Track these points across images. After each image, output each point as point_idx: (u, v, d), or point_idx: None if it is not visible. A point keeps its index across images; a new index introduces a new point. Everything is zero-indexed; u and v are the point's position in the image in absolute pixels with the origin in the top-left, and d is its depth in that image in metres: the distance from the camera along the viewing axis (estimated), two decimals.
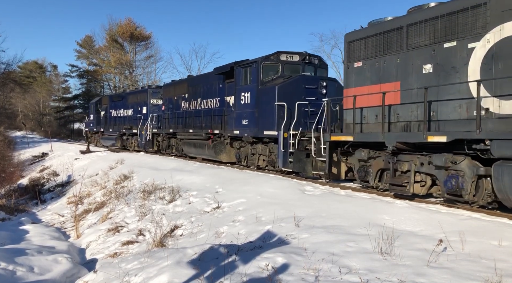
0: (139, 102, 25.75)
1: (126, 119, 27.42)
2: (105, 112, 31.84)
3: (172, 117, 20.97)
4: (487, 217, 7.26)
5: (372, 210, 7.84)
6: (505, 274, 4.63)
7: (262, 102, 13.54)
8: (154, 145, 23.42)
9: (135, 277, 5.96)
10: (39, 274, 7.34)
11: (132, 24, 49.92)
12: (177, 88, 21.07)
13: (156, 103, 24.30)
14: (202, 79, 18.79)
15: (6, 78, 42.35)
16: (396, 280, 4.65)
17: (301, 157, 11.95)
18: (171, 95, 21.52)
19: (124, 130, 27.04)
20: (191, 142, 18.62)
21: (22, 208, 16.70)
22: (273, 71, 13.83)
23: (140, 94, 26.25)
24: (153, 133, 23.20)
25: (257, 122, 13.80)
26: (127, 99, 28.04)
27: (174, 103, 21.02)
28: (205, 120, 17.45)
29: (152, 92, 24.81)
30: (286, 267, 5.23)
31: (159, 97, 24.05)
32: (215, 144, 16.32)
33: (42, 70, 69.80)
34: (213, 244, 6.82)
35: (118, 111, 29.34)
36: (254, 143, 14.49)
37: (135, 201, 12.07)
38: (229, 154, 16.00)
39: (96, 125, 33.85)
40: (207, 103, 17.73)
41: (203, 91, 18.19)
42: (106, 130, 30.99)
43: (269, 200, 9.16)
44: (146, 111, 24.57)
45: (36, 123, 63.72)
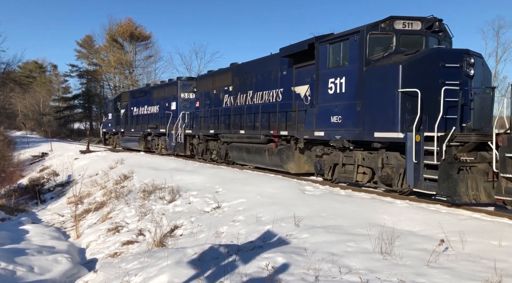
0: (167, 97, 22.13)
1: (151, 118, 23.74)
2: (125, 111, 28.13)
3: (211, 115, 17.47)
4: (487, 217, 7.27)
5: (372, 210, 7.84)
6: (505, 274, 4.63)
7: (371, 89, 9.43)
8: (186, 148, 19.68)
9: (135, 277, 5.96)
10: (39, 274, 7.34)
11: (132, 24, 49.96)
12: (217, 80, 17.45)
13: (188, 98, 20.92)
14: (254, 67, 14.99)
15: (6, 78, 42.40)
16: (396, 280, 4.65)
17: (451, 173, 7.75)
18: (209, 89, 18.02)
19: (149, 130, 23.29)
20: (242, 146, 15.01)
21: (22, 208, 16.70)
22: (382, 46, 9.81)
23: (167, 87, 22.50)
24: (186, 134, 19.48)
25: (361, 119, 9.68)
26: (152, 94, 24.28)
27: (213, 98, 17.58)
28: (263, 118, 13.86)
29: (182, 85, 21.11)
30: (286, 267, 5.23)
31: (190, 90, 20.79)
32: (281, 149, 12.64)
33: (42, 70, 69.90)
34: (213, 244, 6.82)
35: (141, 109, 25.59)
36: (348, 149, 10.50)
37: (135, 201, 12.07)
38: (298, 162, 12.42)
39: (115, 125, 29.60)
40: (262, 96, 14.32)
41: (256, 81, 14.67)
42: (127, 130, 27.04)
43: (269, 200, 9.16)
44: (175, 107, 21.10)
45: (36, 123, 63.80)
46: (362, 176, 10.32)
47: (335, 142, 10.54)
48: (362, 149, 10.21)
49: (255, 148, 14.10)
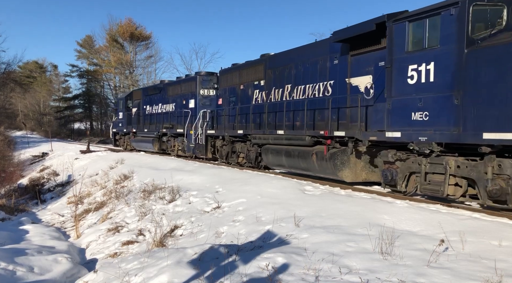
0: (184, 94, 20.24)
1: (166, 117, 21.80)
2: (137, 109, 26.23)
3: (237, 114, 15.45)
4: (487, 217, 7.26)
5: (372, 210, 7.83)
6: (505, 274, 4.62)
7: (478, 77, 7.37)
8: (208, 150, 17.51)
9: (135, 277, 5.96)
10: (39, 274, 7.34)
11: (132, 24, 49.97)
12: (244, 74, 15.57)
13: (207, 95, 19.04)
14: (294, 57, 12.98)
15: (6, 78, 42.40)
16: (396, 280, 4.64)
17: None
18: (234, 84, 16.14)
19: (165, 130, 21.41)
20: (280, 149, 12.82)
21: (22, 208, 16.71)
22: (487, 22, 7.66)
23: (184, 84, 20.59)
24: (208, 135, 17.42)
25: (460, 116, 7.63)
26: (167, 91, 22.31)
27: (240, 94, 15.75)
28: (306, 116, 11.73)
29: (201, 80, 19.05)
30: (286, 267, 5.22)
31: (211, 86, 18.92)
32: (334, 153, 10.42)
33: (42, 70, 69.94)
34: (213, 244, 6.82)
35: (154, 107, 23.75)
36: (431, 154, 8.29)
37: (135, 200, 12.07)
38: (354, 169, 10.36)
39: (126, 125, 27.42)
40: (305, 91, 12.30)
41: (296, 74, 12.72)
42: (140, 130, 25.10)
43: (269, 200, 9.16)
44: (194, 105, 19.18)
45: (36, 123, 63.86)
46: (453, 188, 8.08)
47: (419, 145, 8.24)
48: (457, 154, 8.02)
49: (298, 151, 11.89)
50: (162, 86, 23.39)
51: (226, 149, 16.31)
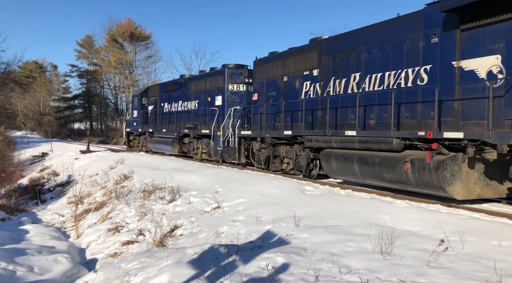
0: (209, 90, 18.03)
1: (188, 116, 19.70)
2: (153, 107, 23.95)
3: (281, 111, 13.02)
4: (487, 217, 7.26)
5: (372, 209, 7.84)
6: (505, 274, 4.62)
7: None
8: (241, 154, 15.30)
9: (135, 277, 5.96)
10: (39, 274, 7.34)
11: (132, 24, 49.95)
12: (289, 63, 13.09)
13: (237, 90, 16.90)
14: (366, 37, 10.40)
15: (6, 78, 42.39)
16: (396, 280, 4.65)
17: None
18: (275, 75, 13.79)
19: (187, 130, 19.16)
20: (350, 154, 10.23)
21: (22, 208, 16.71)
22: None
23: (210, 78, 18.22)
24: (241, 136, 15.18)
25: None
26: (189, 86, 20.02)
27: (283, 87, 13.38)
28: (384, 112, 9.65)
29: (230, 74, 16.90)
30: (286, 267, 5.23)
31: (241, 81, 16.88)
32: (443, 162, 7.91)
33: (42, 70, 69.98)
34: (213, 244, 6.82)
35: (174, 105, 21.45)
36: None
37: (135, 201, 12.07)
38: (466, 182, 7.94)
39: (141, 124, 25.11)
40: (383, 80, 9.79)
41: (370, 58, 10.21)
42: (157, 130, 22.78)
43: (269, 200, 9.16)
44: (221, 102, 17.05)
45: (36, 123, 63.91)
46: None
47: None
48: None
49: (380, 158, 9.31)
50: (182, 81, 20.99)
51: (265, 153, 13.94)
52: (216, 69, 18.28)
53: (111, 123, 52.52)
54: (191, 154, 19.67)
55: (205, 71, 19.91)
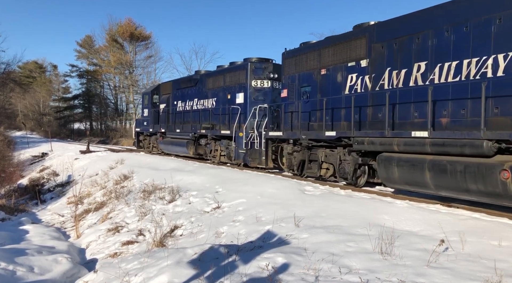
0: (229, 87, 16.56)
1: (205, 115, 18.21)
2: (166, 106, 22.38)
3: (320, 109, 11.42)
4: (487, 217, 7.27)
5: (372, 210, 7.84)
6: (505, 274, 4.63)
7: None
8: (268, 158, 13.74)
9: (135, 277, 5.96)
10: (39, 274, 7.34)
11: (132, 24, 49.99)
12: (328, 54, 11.48)
13: (261, 87, 15.44)
14: (434, 19, 8.76)
15: (6, 78, 42.43)
16: (396, 280, 4.65)
17: None
18: (310, 68, 12.12)
19: (204, 131, 17.65)
20: (419, 160, 8.52)
21: (22, 208, 16.70)
22: None
23: (230, 74, 16.65)
24: (269, 138, 13.55)
25: None
26: (205, 83, 18.50)
27: (320, 81, 11.70)
28: (478, 108, 7.55)
29: (254, 68, 15.44)
30: (286, 267, 5.23)
31: (265, 76, 15.44)
32: None
33: (42, 70, 70.00)
34: (213, 244, 6.82)
35: (189, 103, 19.88)
36: None
37: (135, 201, 12.07)
38: None
39: (152, 124, 23.53)
40: (461, 69, 8.06)
41: (440, 43, 8.53)
42: (170, 131, 21.27)
43: (269, 200, 9.16)
44: (243, 100, 15.62)
45: (36, 123, 63.90)
46: None
47: None
48: None
49: (465, 166, 7.58)
50: (198, 77, 19.32)
51: (299, 157, 12.33)
52: (237, 64, 16.59)
53: (111, 124, 52.53)
54: (208, 157, 18.03)
55: (223, 66, 17.90)
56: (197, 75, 19.69)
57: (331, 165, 11.50)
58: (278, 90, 14.98)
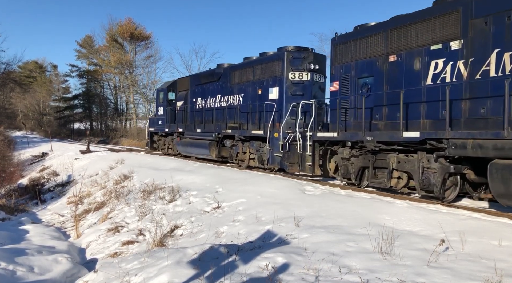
0: (260, 81, 14.66)
1: (230, 112, 16.33)
2: (183, 103, 20.54)
3: (401, 103, 8.88)
4: (487, 216, 7.27)
5: (372, 210, 7.84)
6: (505, 274, 4.63)
7: None
8: (316, 163, 11.53)
9: (135, 277, 5.96)
10: (39, 274, 7.34)
11: (132, 24, 49.93)
12: (397, 36, 9.58)
13: (300, 80, 13.44)
14: None
15: (6, 78, 42.43)
16: (396, 280, 4.65)
17: None
18: (371, 55, 10.25)
19: (230, 131, 15.69)
20: None
21: (22, 208, 16.70)
22: None
23: (261, 66, 14.73)
24: (318, 140, 11.40)
25: None
26: (230, 77, 16.60)
27: (387, 70, 9.82)
28: None
29: (291, 59, 13.44)
30: (286, 267, 5.23)
31: (304, 67, 13.40)
32: None
33: (42, 70, 69.98)
34: (213, 244, 6.82)
35: (210, 100, 18.03)
36: None
37: (135, 200, 12.07)
38: None
39: (168, 123, 21.71)
40: None
41: None
42: (189, 131, 19.38)
43: (269, 200, 9.16)
44: (278, 95, 13.69)
45: (36, 123, 63.89)
46: None
47: None
48: None
49: None
50: (222, 71, 17.36)
51: (358, 163, 10.29)
52: (269, 54, 14.78)
53: (111, 123, 52.52)
54: (234, 160, 16.09)
55: (251, 58, 16.06)
56: (220, 69, 17.64)
57: (405, 173, 9.36)
58: (319, 83, 13.55)
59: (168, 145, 22.43)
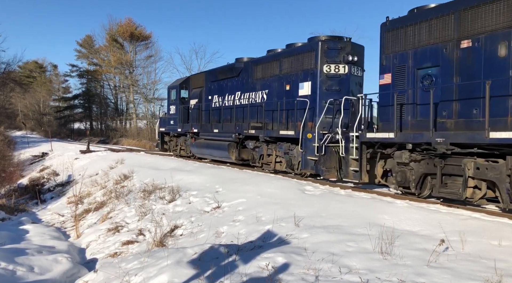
0: (288, 75, 13.20)
1: (252, 111, 14.86)
2: (198, 101, 19.08)
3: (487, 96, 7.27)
4: (487, 216, 7.27)
5: (372, 209, 7.84)
6: (505, 274, 4.63)
7: None
8: (363, 168, 9.91)
9: (135, 276, 5.96)
10: (39, 274, 7.34)
11: (132, 24, 49.95)
12: (473, 15, 8.03)
13: (336, 73, 11.90)
14: None
15: (6, 78, 42.46)
16: (396, 280, 4.64)
17: None
18: (434, 41, 8.76)
19: (253, 131, 14.25)
20: None
21: (22, 208, 16.70)
22: None
23: (290, 58, 13.18)
24: (367, 141, 9.72)
25: None
26: (252, 72, 15.18)
27: (457, 59, 8.33)
28: None
29: (326, 49, 11.94)
30: (286, 267, 5.22)
31: (341, 59, 11.90)
32: None
33: (42, 70, 70.00)
34: (213, 243, 6.82)
35: (228, 97, 16.61)
36: None
37: (135, 200, 12.07)
38: None
39: (181, 122, 20.19)
40: None
41: None
42: (205, 131, 17.94)
43: (269, 200, 9.16)
44: (310, 90, 12.20)
45: (36, 123, 63.92)
46: None
47: None
48: None
49: None
50: (242, 66, 15.91)
51: (420, 169, 8.79)
52: (297, 45, 13.25)
53: (111, 123, 52.55)
54: (257, 163, 14.59)
55: (275, 50, 14.64)
56: (240, 63, 16.14)
57: (484, 182, 7.89)
58: (356, 77, 12.19)
59: (180, 146, 21.13)
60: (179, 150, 21.17)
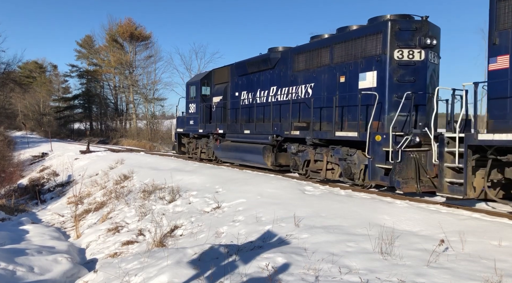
0: (343, 64, 10.93)
1: (294, 109, 12.61)
2: (222, 99, 16.93)
3: None
4: (487, 217, 7.27)
5: (372, 210, 7.84)
6: (505, 274, 4.63)
7: None
8: (469, 180, 7.37)
9: (135, 277, 5.96)
10: (39, 274, 7.33)
11: (132, 24, 49.95)
12: None
13: (409, 60, 9.63)
14: None
15: (6, 78, 42.47)
16: (396, 280, 4.65)
17: None
18: None
19: (297, 132, 12.05)
20: None
21: (22, 208, 16.71)
22: None
23: (346, 43, 10.88)
24: (482, 145, 7.18)
25: None
26: (292, 63, 12.94)
27: None
28: None
29: (397, 30, 9.64)
30: (286, 267, 5.23)
31: (416, 43, 9.67)
32: None
33: (42, 70, 70.01)
34: (213, 244, 6.82)
35: (261, 93, 14.49)
36: None
37: (135, 201, 12.07)
38: None
39: (203, 122, 17.86)
40: None
41: None
42: (233, 131, 15.68)
43: (269, 200, 9.16)
44: (378, 82, 9.94)
45: (36, 123, 63.95)
46: None
47: None
48: None
49: None
50: (278, 56, 13.58)
51: None
52: (356, 28, 10.91)
53: (111, 124, 52.55)
54: (300, 170, 12.31)
55: (321, 36, 12.21)
56: (275, 53, 13.74)
57: None
58: (433, 65, 9.98)
59: (201, 148, 18.68)
60: (199, 153, 18.76)
